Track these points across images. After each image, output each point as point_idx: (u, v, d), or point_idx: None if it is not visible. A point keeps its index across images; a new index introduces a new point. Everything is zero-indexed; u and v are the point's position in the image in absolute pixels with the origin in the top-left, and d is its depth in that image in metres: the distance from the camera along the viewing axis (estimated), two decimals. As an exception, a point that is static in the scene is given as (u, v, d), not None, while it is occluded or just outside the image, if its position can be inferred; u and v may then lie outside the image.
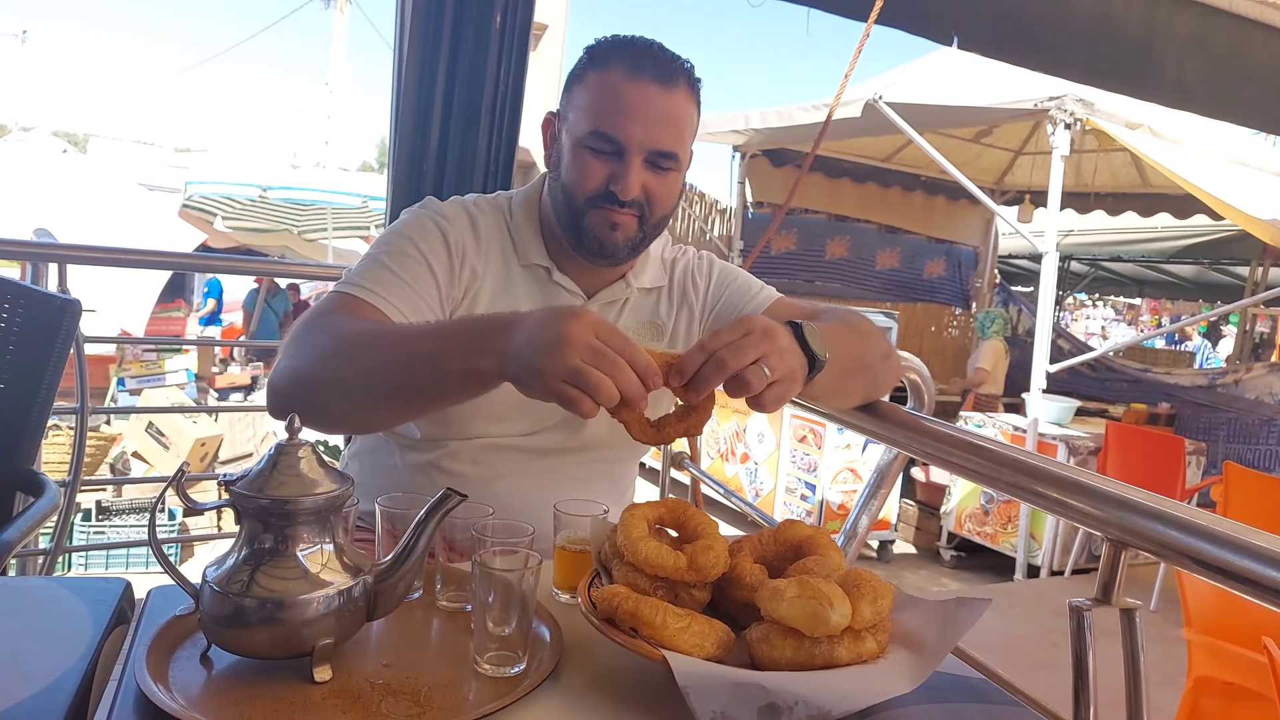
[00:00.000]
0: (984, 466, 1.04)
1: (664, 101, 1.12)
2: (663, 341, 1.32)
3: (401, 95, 2.28)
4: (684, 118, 1.15)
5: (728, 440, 5.82)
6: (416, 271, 1.15)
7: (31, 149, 9.64)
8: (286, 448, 0.79)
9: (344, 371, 0.97)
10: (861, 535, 1.73)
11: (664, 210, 1.19)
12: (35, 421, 1.49)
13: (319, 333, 1.03)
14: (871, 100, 4.92)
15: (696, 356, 0.86)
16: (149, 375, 7.03)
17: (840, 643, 0.76)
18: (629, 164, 1.12)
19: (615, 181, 1.13)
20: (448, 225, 1.21)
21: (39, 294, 1.50)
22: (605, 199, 1.14)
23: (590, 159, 1.14)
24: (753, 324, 0.89)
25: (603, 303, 1.27)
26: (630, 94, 1.11)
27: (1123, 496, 0.87)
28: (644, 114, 1.11)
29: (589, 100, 1.14)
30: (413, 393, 0.96)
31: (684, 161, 1.18)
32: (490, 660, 0.82)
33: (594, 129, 1.12)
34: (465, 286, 1.20)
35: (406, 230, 1.20)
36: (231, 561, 0.78)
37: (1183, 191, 5.93)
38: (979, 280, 8.22)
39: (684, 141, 1.16)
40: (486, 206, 1.28)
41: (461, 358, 0.90)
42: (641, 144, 1.12)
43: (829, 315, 1.21)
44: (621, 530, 0.88)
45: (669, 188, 1.18)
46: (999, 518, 5.12)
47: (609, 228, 1.16)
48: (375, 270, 1.14)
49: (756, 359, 0.86)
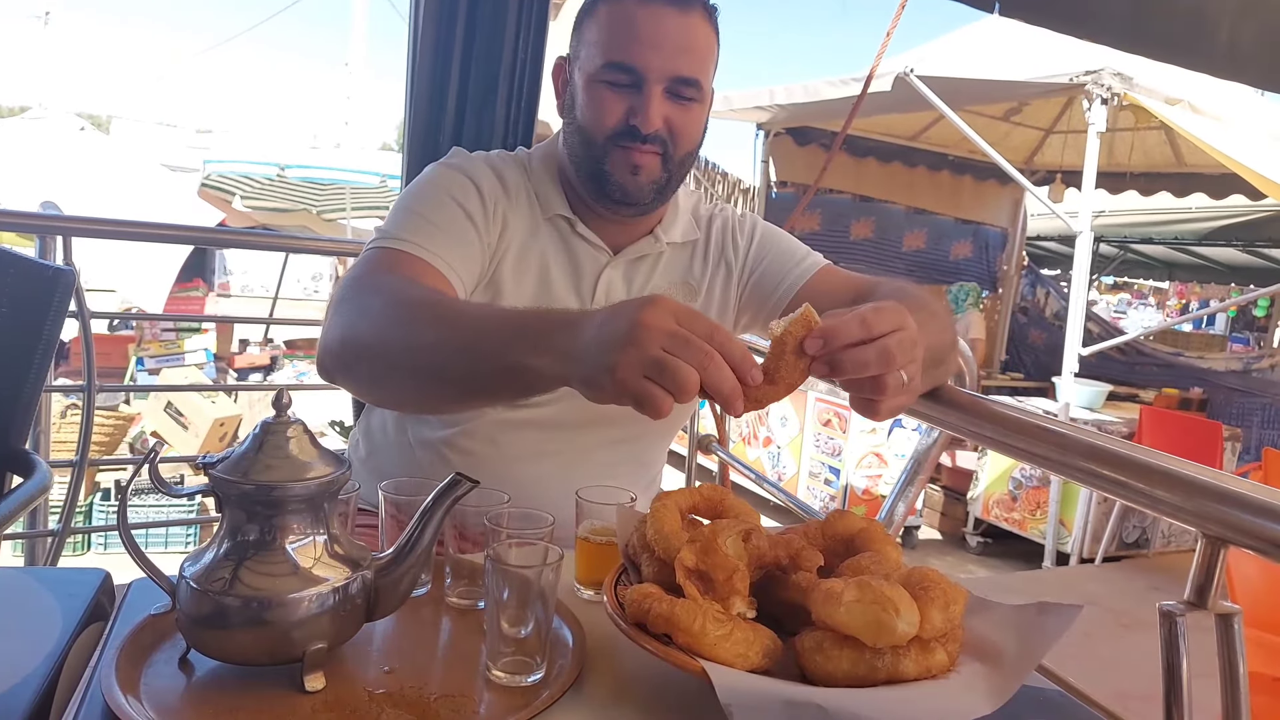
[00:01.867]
0: (1054, 452, 0.93)
1: (681, 25, 1.05)
2: (696, 302, 1.23)
3: (417, 67, 2.19)
4: (703, 42, 1.08)
5: (750, 423, 5.72)
6: (455, 217, 1.07)
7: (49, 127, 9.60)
8: (274, 426, 0.70)
9: (395, 342, 0.86)
10: (899, 523, 1.64)
11: (688, 145, 1.11)
12: (27, 398, 1.41)
13: (370, 293, 0.93)
14: (903, 74, 4.77)
15: (855, 330, 0.72)
16: (168, 355, 7.01)
17: (906, 654, 0.66)
18: (649, 94, 1.04)
19: (635, 115, 1.05)
20: (478, 172, 1.13)
21: (29, 262, 1.42)
22: (626, 135, 1.06)
23: (607, 93, 1.06)
24: (905, 318, 0.75)
25: (630, 259, 1.19)
26: (645, 20, 1.04)
27: (1224, 488, 0.76)
28: (661, 39, 1.04)
29: (600, 33, 1.07)
30: (461, 382, 0.84)
31: (706, 91, 1.10)
32: (505, 667, 0.73)
33: (608, 60, 1.05)
34: (499, 233, 1.12)
35: (437, 179, 1.13)
36: (212, 555, 0.69)
37: (1220, 171, 5.75)
38: (1007, 263, 8.04)
39: (705, 67, 1.08)
40: (509, 159, 1.21)
41: (520, 354, 0.76)
42: (661, 71, 1.04)
43: (893, 287, 1.10)
44: (652, 521, 0.78)
45: (693, 120, 1.09)
46: (1027, 503, 5.00)
47: (631, 171, 1.07)
48: (414, 222, 1.05)
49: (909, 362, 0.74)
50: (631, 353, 0.68)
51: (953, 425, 1.10)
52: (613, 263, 1.17)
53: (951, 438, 1.37)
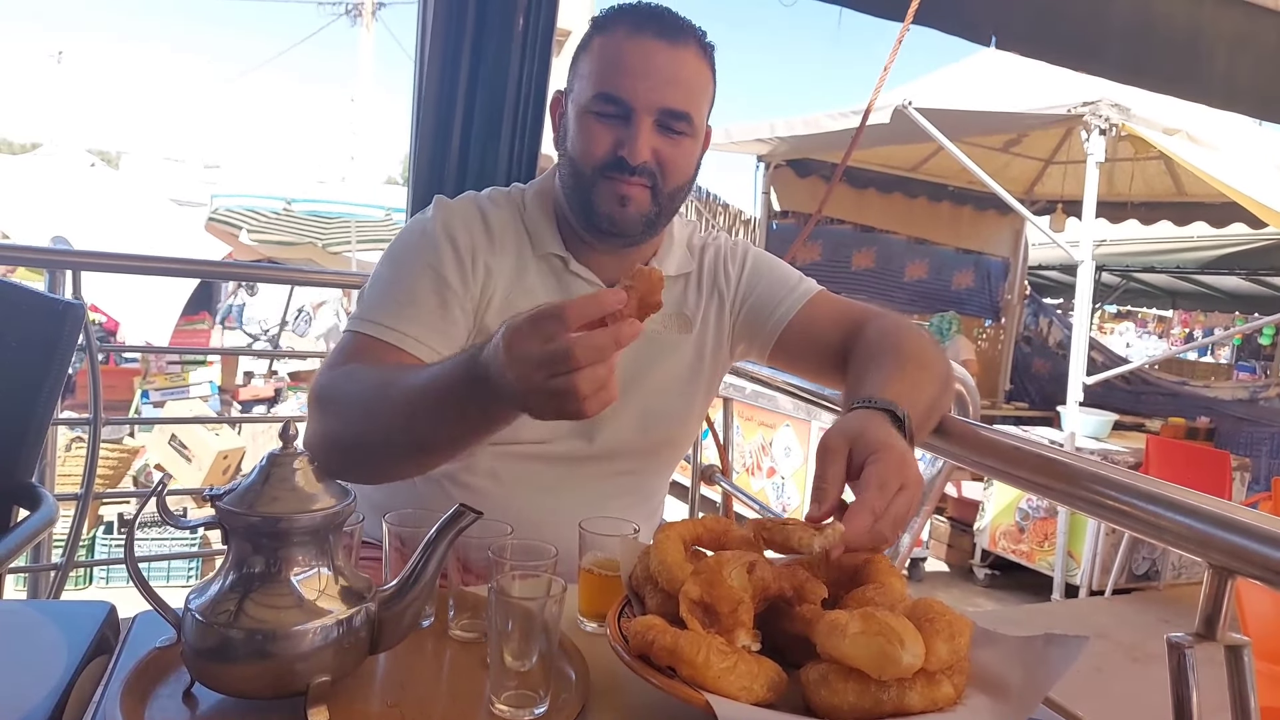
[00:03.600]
0: (1058, 482, 0.93)
1: (672, 58, 1.05)
2: (690, 333, 1.23)
3: (422, 101, 2.22)
4: (694, 77, 1.08)
5: (754, 454, 5.70)
6: (430, 289, 1.08)
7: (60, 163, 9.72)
8: (280, 458, 0.71)
9: (369, 435, 0.91)
10: (904, 555, 1.63)
11: (678, 180, 1.11)
12: (35, 432, 1.42)
13: (337, 398, 0.96)
14: (901, 106, 4.82)
15: (866, 521, 0.79)
16: (173, 387, 7.02)
17: (912, 687, 0.65)
18: (637, 126, 1.05)
19: (623, 146, 1.05)
20: (455, 227, 1.13)
21: (40, 297, 1.44)
22: (614, 167, 1.07)
23: (596, 124, 1.07)
24: (905, 475, 0.82)
25: None
26: (634, 52, 1.05)
27: (1229, 517, 0.76)
28: (651, 71, 1.04)
29: (592, 65, 1.08)
30: (435, 442, 0.89)
31: (699, 126, 1.10)
32: (508, 700, 0.72)
33: (598, 91, 1.06)
34: (481, 285, 1.12)
35: (413, 244, 1.13)
36: (217, 587, 0.69)
37: (1220, 199, 5.76)
38: (1009, 293, 8.05)
39: (696, 102, 1.08)
40: (500, 199, 1.21)
41: (464, 409, 0.82)
42: (649, 103, 1.05)
43: (880, 329, 1.11)
44: (655, 552, 0.78)
45: (683, 154, 1.09)
46: (1035, 535, 4.96)
47: (619, 202, 1.08)
48: (385, 301, 1.07)
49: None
50: (525, 375, 0.72)
51: (957, 456, 1.10)
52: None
53: (955, 467, 1.37)
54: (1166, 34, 3.02)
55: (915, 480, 0.83)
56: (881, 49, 2.96)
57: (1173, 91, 3.32)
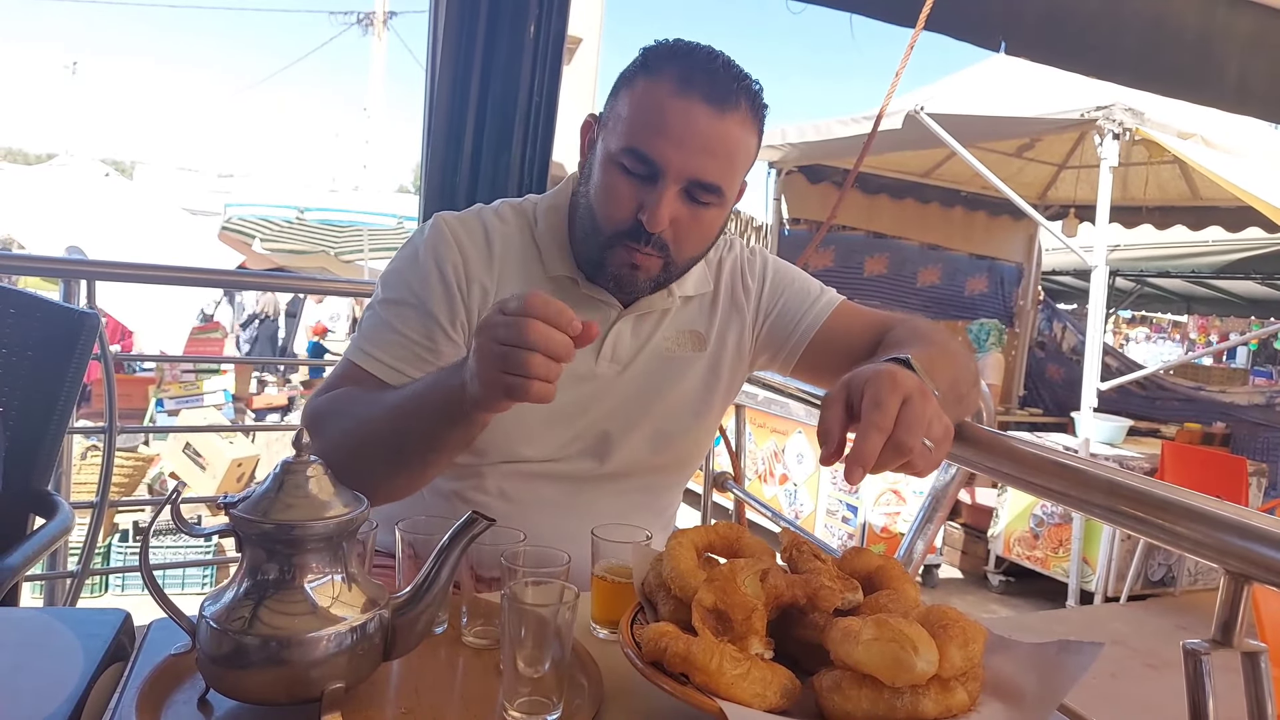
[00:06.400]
0: (1073, 488, 0.93)
1: (714, 125, 0.99)
2: (705, 350, 1.21)
3: (434, 108, 2.23)
4: (736, 146, 1.03)
5: (766, 461, 5.69)
6: (412, 322, 1.08)
7: (75, 174, 9.81)
8: (294, 466, 0.71)
9: (363, 457, 0.95)
10: (918, 562, 1.62)
11: (693, 251, 1.08)
12: (51, 440, 1.43)
13: (329, 424, 1.01)
14: (913, 112, 4.81)
15: (875, 440, 0.79)
16: (187, 396, 7.07)
17: (926, 694, 0.65)
18: (662, 192, 1.00)
19: (644, 210, 1.01)
20: (444, 254, 1.10)
21: (56, 306, 1.45)
22: (630, 234, 1.03)
23: (621, 180, 1.02)
24: (902, 388, 0.81)
25: (639, 314, 1.16)
26: (674, 112, 0.99)
27: (1245, 523, 0.76)
28: (687, 138, 0.99)
29: (631, 111, 1.02)
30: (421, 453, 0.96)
31: (729, 196, 1.06)
32: (521, 707, 0.72)
33: (629, 145, 1.01)
34: (477, 307, 1.10)
35: (403, 269, 1.13)
36: (231, 594, 0.69)
37: (1235, 203, 5.72)
38: (1023, 298, 8.02)
39: (731, 173, 1.04)
40: (509, 214, 1.17)
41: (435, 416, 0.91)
42: (680, 171, 1.00)
43: (908, 328, 1.10)
44: (668, 559, 0.78)
45: (704, 225, 1.06)
46: (1049, 541, 4.92)
47: (629, 267, 1.06)
48: (380, 330, 1.09)
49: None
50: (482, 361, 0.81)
51: (971, 462, 1.10)
52: (623, 317, 1.15)
53: (969, 473, 1.36)
54: (1179, 37, 3.01)
55: (917, 389, 0.81)
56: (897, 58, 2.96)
57: (1185, 95, 3.31)
